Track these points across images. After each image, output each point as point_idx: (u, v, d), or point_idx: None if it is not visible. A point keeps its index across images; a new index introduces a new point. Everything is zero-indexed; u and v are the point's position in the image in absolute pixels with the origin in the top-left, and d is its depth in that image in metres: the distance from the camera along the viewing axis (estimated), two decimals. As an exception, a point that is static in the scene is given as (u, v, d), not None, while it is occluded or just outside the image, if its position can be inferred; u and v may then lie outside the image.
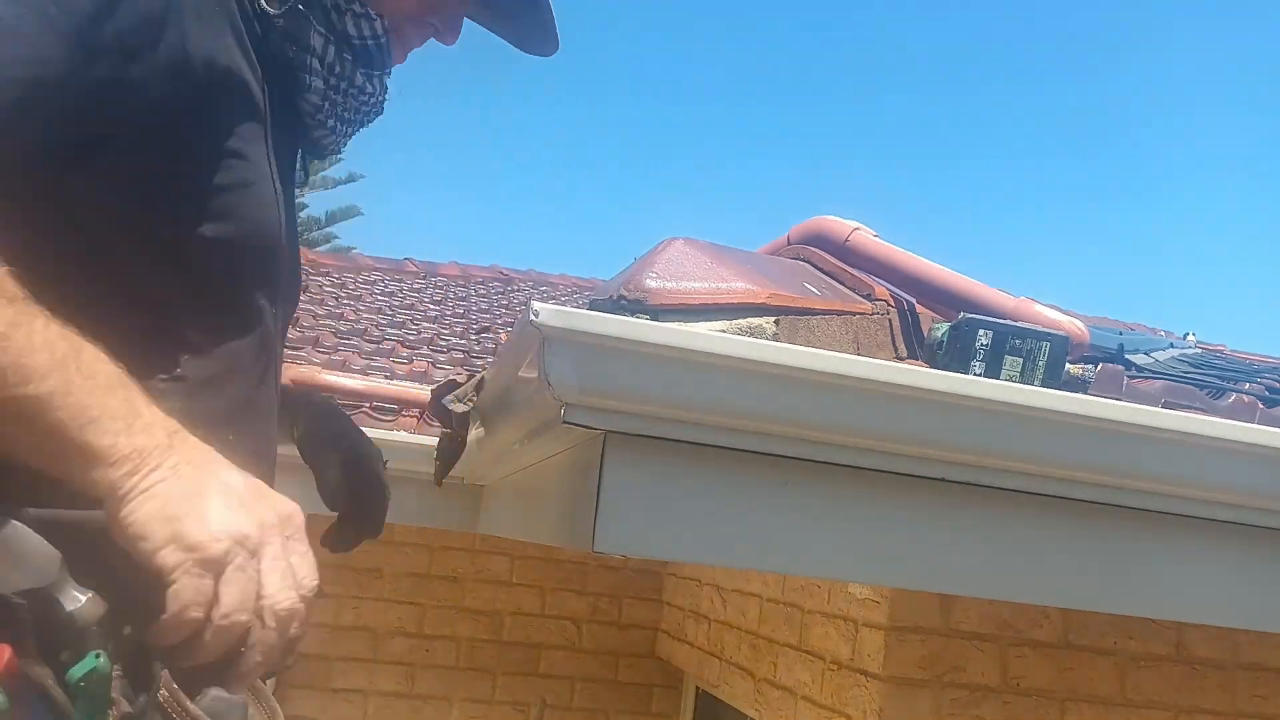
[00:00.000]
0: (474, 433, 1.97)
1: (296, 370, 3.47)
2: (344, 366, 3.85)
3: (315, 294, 5.52)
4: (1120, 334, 2.77)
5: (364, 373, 3.82)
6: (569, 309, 1.20)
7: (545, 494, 1.83)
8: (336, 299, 5.65)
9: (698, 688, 4.10)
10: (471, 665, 4.37)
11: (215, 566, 0.80)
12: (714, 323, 1.84)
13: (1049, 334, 2.00)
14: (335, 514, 1.44)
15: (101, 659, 0.78)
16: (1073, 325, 2.33)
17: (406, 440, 3.01)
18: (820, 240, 2.88)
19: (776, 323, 1.94)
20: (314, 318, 4.85)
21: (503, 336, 4.91)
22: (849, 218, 2.89)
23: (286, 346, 1.36)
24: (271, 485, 0.96)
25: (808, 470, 1.35)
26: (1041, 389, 1.68)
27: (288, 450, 1.37)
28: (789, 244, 2.99)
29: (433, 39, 1.27)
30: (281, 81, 1.11)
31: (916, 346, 2.39)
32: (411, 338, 4.82)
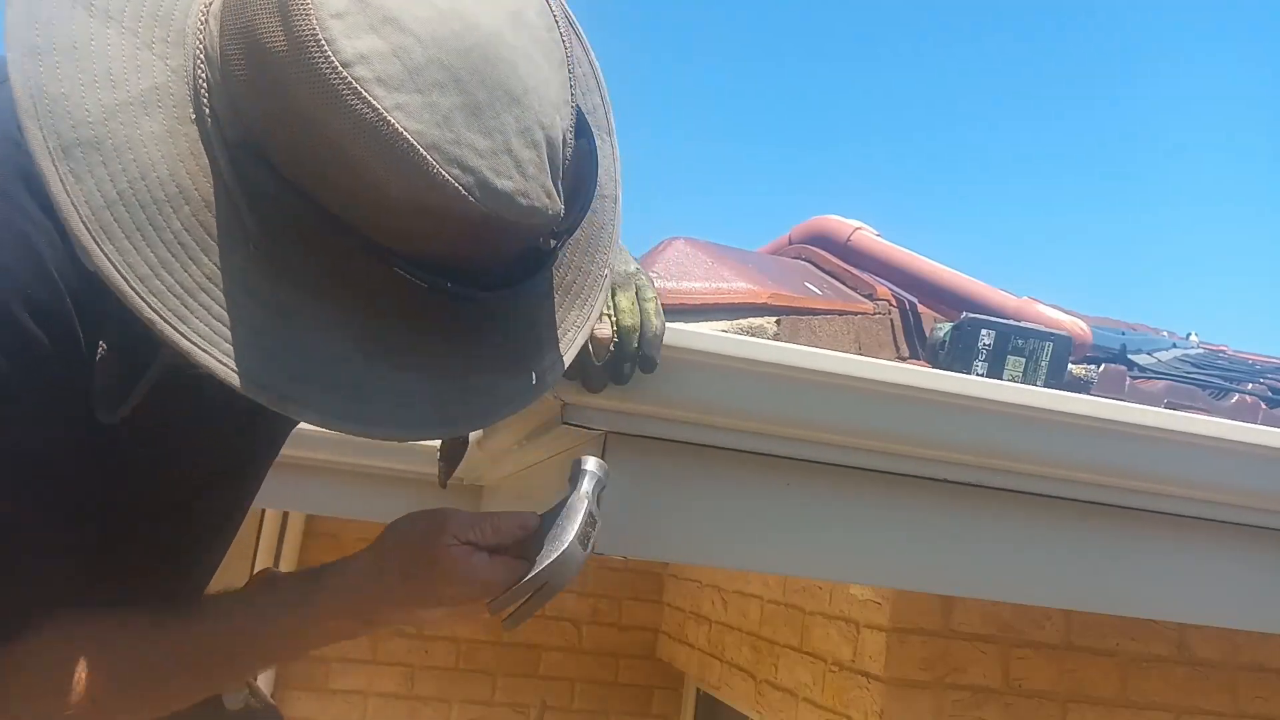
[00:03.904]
0: (474, 433, 1.96)
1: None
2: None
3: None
4: (1123, 334, 2.76)
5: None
6: (569, 309, 1.19)
7: (545, 495, 1.82)
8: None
9: (698, 689, 4.09)
10: (471, 666, 4.36)
11: None
12: (715, 322, 1.84)
13: (1051, 334, 2.00)
14: None
15: None
16: (1075, 325, 2.32)
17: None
18: (822, 240, 2.87)
19: (778, 323, 1.93)
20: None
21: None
22: (851, 217, 2.88)
23: None
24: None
25: (809, 471, 1.34)
26: (1044, 389, 1.67)
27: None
28: (790, 243, 2.99)
29: None
30: None
31: (919, 346, 2.38)
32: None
